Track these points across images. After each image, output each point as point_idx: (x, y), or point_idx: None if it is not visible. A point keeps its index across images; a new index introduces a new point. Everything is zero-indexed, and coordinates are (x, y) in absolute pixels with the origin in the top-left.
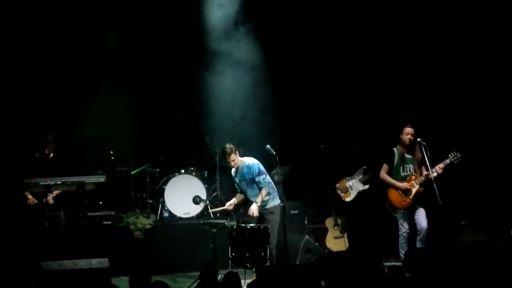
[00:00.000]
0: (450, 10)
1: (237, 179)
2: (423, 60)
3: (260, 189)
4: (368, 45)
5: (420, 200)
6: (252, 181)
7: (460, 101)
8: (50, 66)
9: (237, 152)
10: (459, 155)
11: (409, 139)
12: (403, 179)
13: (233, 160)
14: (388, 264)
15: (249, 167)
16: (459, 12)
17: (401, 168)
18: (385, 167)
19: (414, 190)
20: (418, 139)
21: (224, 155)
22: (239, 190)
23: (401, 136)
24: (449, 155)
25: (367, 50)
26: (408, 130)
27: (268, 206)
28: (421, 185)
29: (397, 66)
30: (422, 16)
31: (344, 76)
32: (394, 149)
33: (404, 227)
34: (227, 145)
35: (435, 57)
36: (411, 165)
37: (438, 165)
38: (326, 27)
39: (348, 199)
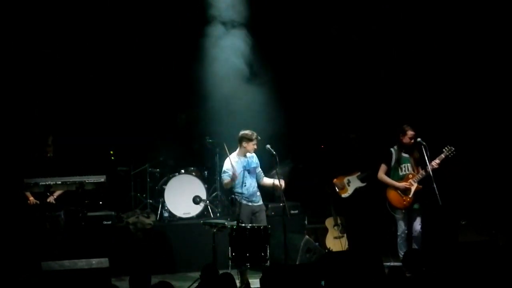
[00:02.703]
0: (449, 9)
1: (238, 168)
2: (423, 60)
3: (261, 177)
4: (368, 45)
5: (419, 198)
6: (254, 171)
7: (460, 101)
8: (50, 65)
9: None
10: (453, 149)
11: (411, 142)
12: (401, 178)
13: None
14: (388, 264)
15: (255, 157)
16: (456, 9)
17: (399, 168)
18: (383, 167)
19: (413, 189)
20: (418, 139)
21: (254, 138)
22: (228, 177)
23: (401, 138)
24: (443, 150)
25: (366, 50)
26: (411, 133)
27: (260, 203)
28: (419, 182)
29: (397, 66)
30: (419, 16)
31: (343, 76)
32: (392, 149)
33: (402, 228)
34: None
35: (435, 57)
36: (408, 164)
37: (434, 161)
38: (326, 27)
39: (344, 195)
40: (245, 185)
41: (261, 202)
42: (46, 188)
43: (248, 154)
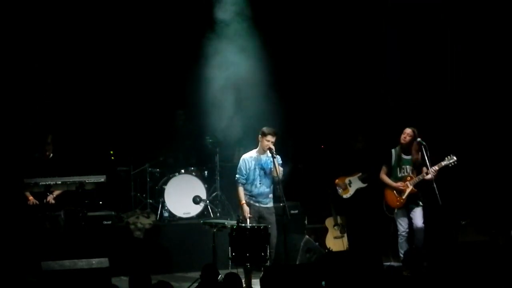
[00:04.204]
0: (450, 11)
1: (252, 165)
2: (424, 60)
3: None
4: (369, 46)
5: (414, 201)
6: (270, 173)
7: (460, 102)
8: (50, 65)
9: None
10: (455, 159)
11: (404, 138)
12: (400, 180)
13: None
14: (387, 264)
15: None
16: (458, 12)
17: (398, 169)
18: (384, 168)
19: (407, 191)
20: (418, 139)
21: (274, 134)
22: (243, 180)
23: (400, 137)
24: (445, 158)
25: (367, 50)
26: (408, 131)
27: (269, 206)
28: (415, 186)
29: (398, 66)
30: (422, 17)
31: (344, 76)
32: (392, 150)
33: (403, 227)
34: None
35: (435, 57)
36: (408, 166)
37: (433, 167)
38: (326, 27)
39: (346, 195)
40: (255, 184)
41: (270, 205)
42: (46, 188)
43: (265, 154)
